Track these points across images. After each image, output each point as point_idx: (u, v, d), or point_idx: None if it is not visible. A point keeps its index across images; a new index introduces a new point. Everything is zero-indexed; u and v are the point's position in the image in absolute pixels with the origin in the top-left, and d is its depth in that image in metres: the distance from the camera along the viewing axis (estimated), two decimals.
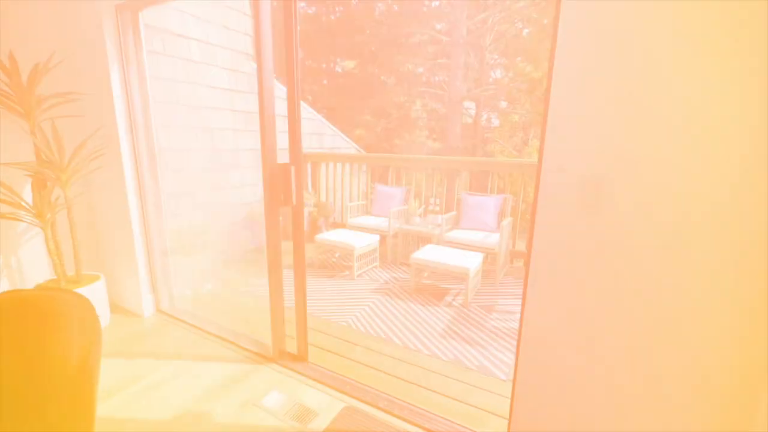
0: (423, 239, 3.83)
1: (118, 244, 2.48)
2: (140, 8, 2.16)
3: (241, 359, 2.05)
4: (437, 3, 11.27)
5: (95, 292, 2.31)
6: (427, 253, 3.03)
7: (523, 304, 1.25)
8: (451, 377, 1.96)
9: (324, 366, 1.99)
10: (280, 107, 1.75)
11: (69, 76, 2.24)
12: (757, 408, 0.95)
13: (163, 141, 3.05)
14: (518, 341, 1.28)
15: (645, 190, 0.97)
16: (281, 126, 1.77)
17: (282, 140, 1.76)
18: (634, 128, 0.96)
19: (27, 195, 2.20)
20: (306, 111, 4.99)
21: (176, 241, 3.03)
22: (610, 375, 1.12)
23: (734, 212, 0.89)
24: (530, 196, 3.81)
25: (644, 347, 1.06)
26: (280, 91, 2.09)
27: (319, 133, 5.27)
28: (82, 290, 2.22)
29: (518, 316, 2.71)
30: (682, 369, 1.02)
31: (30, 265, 2.32)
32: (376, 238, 3.60)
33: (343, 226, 4.37)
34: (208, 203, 3.59)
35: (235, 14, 3.62)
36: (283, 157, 1.81)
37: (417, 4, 10.80)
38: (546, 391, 1.24)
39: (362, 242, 3.38)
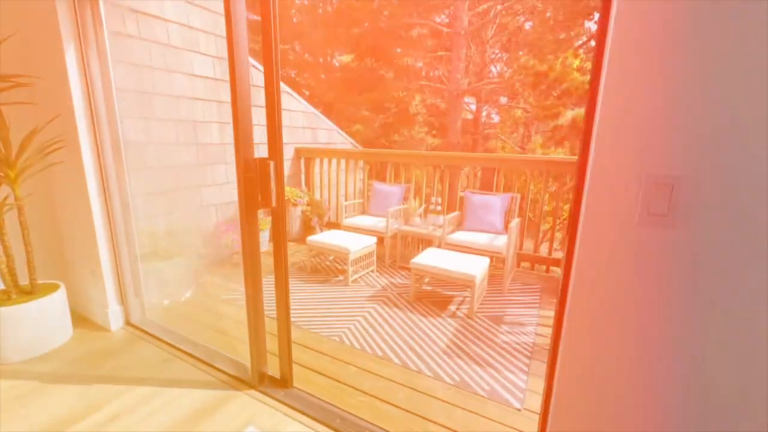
0: (424, 241, 3.56)
1: (82, 249, 2.20)
2: None
3: (217, 384, 1.78)
4: None
5: (53, 304, 2.03)
6: (428, 258, 2.76)
7: (558, 326, 0.98)
8: (458, 406, 1.69)
9: (311, 392, 1.73)
10: (262, 98, 1.48)
11: (18, 56, 1.95)
12: None
13: (141, 133, 2.77)
14: (549, 376, 1.02)
15: (747, 194, 0.70)
16: (262, 119, 1.49)
17: (262, 134, 1.49)
18: (730, 121, 0.69)
19: None
20: (300, 104, 4.69)
21: (152, 246, 2.76)
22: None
23: None
24: (533, 193, 3.55)
25: (734, 405, 0.79)
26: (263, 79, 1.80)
27: (314, 127, 4.97)
28: (36, 302, 1.95)
29: (530, 329, 2.46)
30: None
31: None
32: (373, 240, 3.33)
33: (337, 226, 4.10)
34: (190, 202, 3.31)
35: None
36: (263, 152, 1.53)
37: None
38: None
39: (358, 245, 3.11)
